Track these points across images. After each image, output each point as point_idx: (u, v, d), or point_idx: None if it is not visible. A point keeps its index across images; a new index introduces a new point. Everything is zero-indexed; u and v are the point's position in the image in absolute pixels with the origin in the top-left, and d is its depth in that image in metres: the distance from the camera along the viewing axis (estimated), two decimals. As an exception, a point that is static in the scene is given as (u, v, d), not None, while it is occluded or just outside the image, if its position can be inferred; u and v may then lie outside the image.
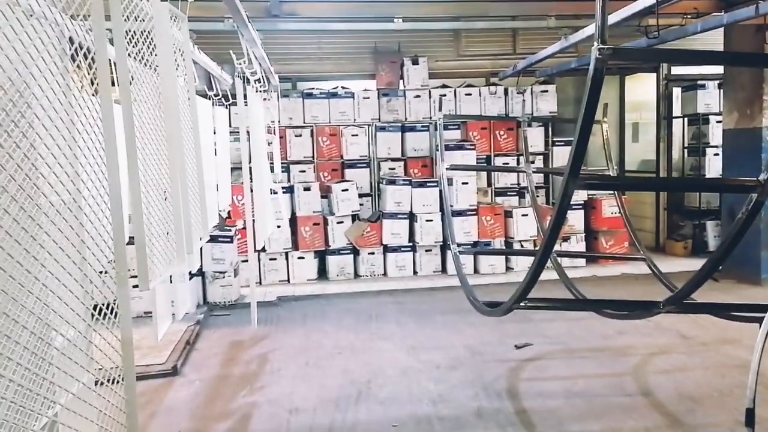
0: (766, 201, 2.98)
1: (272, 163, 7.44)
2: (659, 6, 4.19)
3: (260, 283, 8.13)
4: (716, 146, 8.88)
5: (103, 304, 2.11)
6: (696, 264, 7.86)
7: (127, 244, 2.17)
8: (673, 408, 4.14)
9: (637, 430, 3.83)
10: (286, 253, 8.32)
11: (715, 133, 8.93)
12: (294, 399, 4.49)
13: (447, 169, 6.34)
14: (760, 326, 3.56)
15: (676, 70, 9.76)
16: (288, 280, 8.32)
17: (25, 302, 1.67)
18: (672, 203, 9.71)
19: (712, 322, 5.70)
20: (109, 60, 2.09)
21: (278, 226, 7.51)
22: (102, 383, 2.12)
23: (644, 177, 9.52)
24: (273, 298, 7.43)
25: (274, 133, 7.69)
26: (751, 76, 7.27)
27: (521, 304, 3.62)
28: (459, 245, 6.09)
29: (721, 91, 8.33)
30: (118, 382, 2.14)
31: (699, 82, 9.22)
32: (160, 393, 4.69)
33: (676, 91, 9.80)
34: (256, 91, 6.09)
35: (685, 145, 9.77)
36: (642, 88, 10.12)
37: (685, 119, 9.68)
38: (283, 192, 8.04)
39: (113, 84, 2.14)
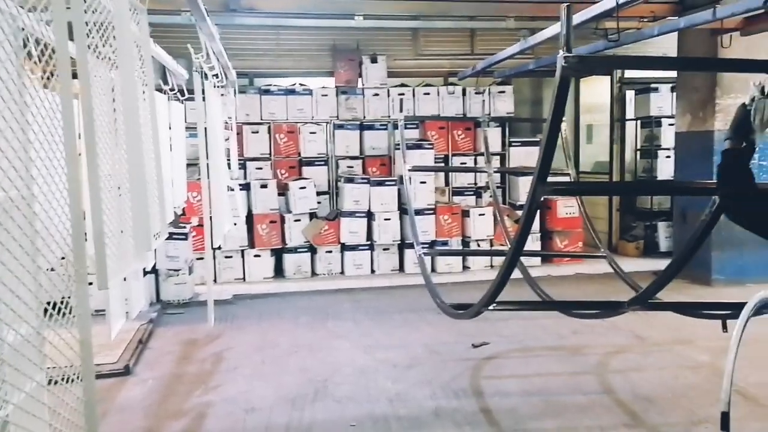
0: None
1: (229, 160, 7.31)
2: (619, 9, 4.27)
3: (215, 281, 7.96)
4: (668, 149, 9.11)
5: (56, 302, 2.02)
6: (648, 264, 8.15)
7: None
8: (628, 408, 4.22)
9: (593, 429, 3.89)
10: (242, 251, 8.19)
11: (667, 136, 9.16)
12: (250, 398, 4.42)
13: (410, 170, 6.33)
14: (725, 329, 3.67)
15: (630, 74, 9.98)
16: (244, 279, 8.19)
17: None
18: (624, 204, 9.94)
19: (665, 323, 5.85)
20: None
21: (234, 224, 7.38)
22: (56, 382, 2.04)
23: (612, 182, 9.69)
24: (228, 297, 7.30)
25: (231, 130, 7.55)
26: (704, 80, 7.47)
27: (490, 307, 3.63)
28: (422, 245, 6.08)
29: (674, 94, 8.55)
30: (73, 381, 2.06)
31: (652, 86, 9.45)
32: (112, 392, 4.56)
33: (630, 94, 10.02)
34: (214, 87, 5.96)
35: (638, 147, 10.01)
36: (596, 90, 10.33)
37: (638, 122, 9.91)
38: (240, 189, 7.91)
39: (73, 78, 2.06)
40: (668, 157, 9.10)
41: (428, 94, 8.96)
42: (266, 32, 8.50)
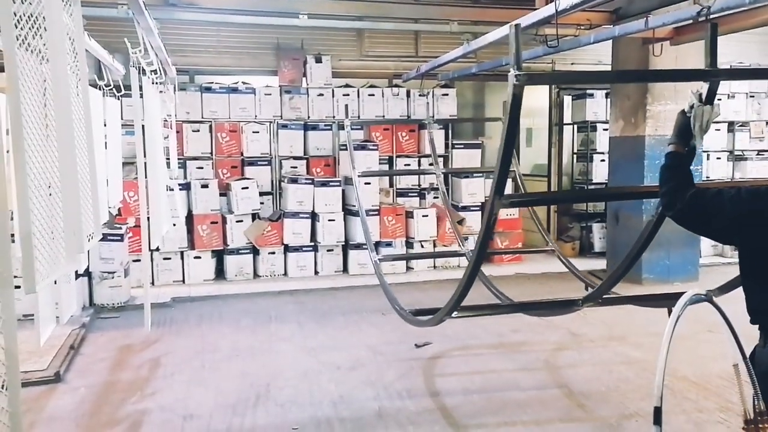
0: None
1: (168, 159, 7.12)
2: (558, 16, 4.38)
3: (153, 283, 7.76)
4: (603, 152, 9.41)
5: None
6: (584, 264, 8.38)
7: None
8: (564, 402, 4.34)
9: (530, 424, 3.97)
10: (182, 253, 8.00)
11: (602, 140, 9.45)
12: (189, 404, 4.32)
13: (359, 175, 6.31)
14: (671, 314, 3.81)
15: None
16: (183, 281, 8.00)
17: None
18: (561, 207, 10.21)
19: (600, 321, 6.04)
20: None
21: (174, 225, 7.19)
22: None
23: (563, 191, 9.93)
24: (167, 300, 7.11)
25: (171, 128, 7.36)
26: (636, 87, 7.75)
27: (453, 314, 3.65)
28: (364, 247, 6.04)
29: (609, 100, 8.83)
30: (-1, 390, 1.97)
31: (588, 91, 9.74)
32: (41, 401, 4.37)
33: (567, 99, 10.31)
34: (152, 83, 5.80)
35: (575, 150, 10.31)
36: (535, 95, 10.56)
37: (575, 126, 10.21)
38: (180, 189, 7.72)
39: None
40: (603, 160, 9.39)
41: (373, 95, 8.97)
42: (207, 29, 8.33)
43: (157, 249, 7.49)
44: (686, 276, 7.83)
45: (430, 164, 7.36)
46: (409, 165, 9.08)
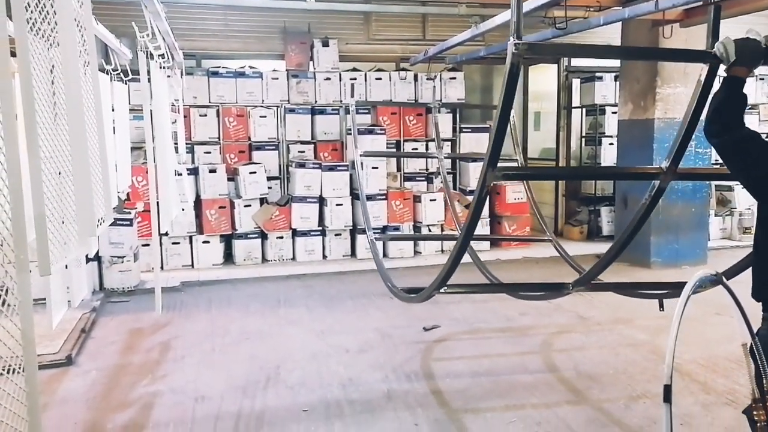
0: (666, 187, 3.18)
1: (176, 144, 7.14)
2: (566, -2, 4.35)
3: (162, 268, 7.80)
4: (611, 136, 9.36)
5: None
6: (591, 248, 8.38)
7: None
8: (572, 385, 4.36)
9: (538, 407, 4.00)
10: (191, 237, 8.03)
11: (611, 124, 9.40)
12: (199, 387, 4.36)
13: (361, 155, 6.32)
14: (661, 308, 3.82)
15: (576, 62, 10.19)
16: (192, 265, 8.05)
17: None
18: (570, 190, 10.18)
19: (606, 304, 6.04)
20: None
21: (182, 209, 7.23)
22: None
23: (557, 167, 9.89)
24: (176, 284, 7.16)
25: (178, 112, 7.37)
26: (645, 70, 7.70)
27: (441, 290, 3.67)
28: (374, 231, 6.09)
29: (618, 83, 8.77)
30: (14, 371, 2.00)
31: (597, 75, 9.67)
32: (53, 384, 4.42)
33: (576, 83, 10.23)
34: (160, 67, 5.80)
35: (583, 134, 10.25)
36: (544, 78, 10.51)
37: (584, 110, 10.14)
38: (188, 174, 7.75)
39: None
40: (611, 144, 9.34)
41: (380, 79, 8.93)
42: (214, 12, 8.31)
43: (166, 233, 7.53)
44: (695, 259, 7.82)
45: (438, 148, 7.34)
46: (416, 149, 9.06)
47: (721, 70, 2.51)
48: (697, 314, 5.12)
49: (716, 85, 2.52)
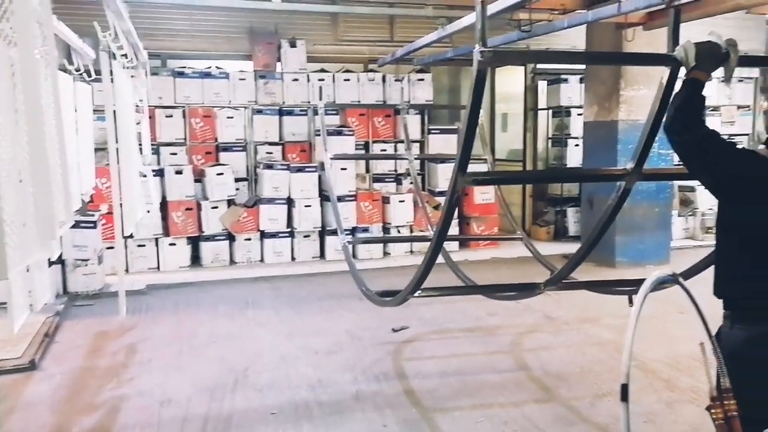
0: (632, 188, 3.24)
1: (141, 145, 7.03)
2: (531, 1, 4.40)
3: (128, 270, 7.68)
4: (577, 137, 9.50)
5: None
6: (558, 248, 8.49)
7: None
8: (540, 384, 4.41)
9: (506, 406, 4.04)
10: (156, 240, 7.92)
11: (576, 125, 9.54)
12: (166, 390, 4.31)
13: (331, 158, 6.30)
14: (631, 303, 3.88)
15: (542, 65, 10.32)
16: (158, 268, 7.93)
17: None
18: (536, 191, 10.31)
19: (573, 303, 6.13)
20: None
21: (147, 211, 7.11)
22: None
23: (526, 171, 9.99)
24: (142, 287, 7.05)
25: (143, 113, 7.25)
26: (610, 72, 7.83)
27: (416, 294, 3.68)
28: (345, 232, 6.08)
29: (583, 85, 8.90)
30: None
31: (563, 77, 9.81)
32: (18, 388, 4.34)
33: (542, 85, 10.37)
34: (123, 68, 5.71)
35: (550, 135, 10.39)
36: (511, 80, 10.61)
37: (550, 111, 10.28)
38: (153, 175, 7.62)
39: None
40: (577, 145, 9.47)
41: (348, 80, 8.93)
42: (180, 12, 8.20)
43: (131, 236, 7.40)
44: (658, 259, 7.99)
45: (407, 149, 7.36)
46: (385, 150, 9.07)
47: (683, 73, 2.56)
48: (661, 313, 5.23)
49: (678, 87, 2.57)
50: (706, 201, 9.35)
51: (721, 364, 1.87)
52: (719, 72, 2.52)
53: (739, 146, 2.34)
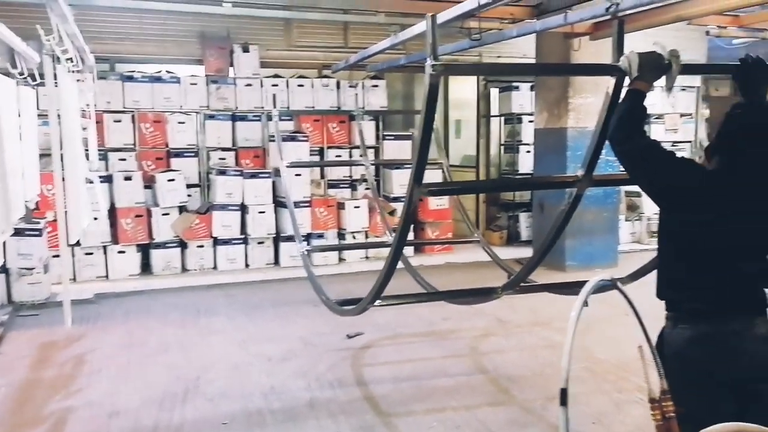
0: (583, 194, 3.32)
1: (87, 150, 6.85)
2: (480, 10, 4.48)
3: (75, 279, 7.48)
4: (528, 144, 9.67)
5: None
6: (511, 252, 8.62)
7: None
8: (492, 387, 4.47)
9: (459, 409, 4.08)
10: (105, 247, 7.72)
11: (528, 132, 9.70)
12: (115, 401, 4.21)
13: (287, 166, 6.25)
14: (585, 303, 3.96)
15: (494, 73, 10.47)
16: (107, 276, 7.74)
17: None
18: (490, 197, 10.45)
19: (525, 307, 6.23)
20: None
21: (95, 218, 6.94)
22: None
23: (481, 180, 10.09)
24: (90, 296, 6.87)
25: (90, 118, 7.08)
26: (559, 80, 8.01)
27: (376, 303, 3.67)
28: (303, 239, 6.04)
29: (533, 93, 9.08)
30: None
31: (514, 84, 9.98)
32: (-43, 403, 4.16)
33: (494, 92, 10.54)
34: (68, 71, 5.56)
35: (502, 142, 10.56)
36: (463, 87, 10.76)
37: (502, 118, 10.46)
38: (101, 181, 7.44)
39: None
40: (528, 151, 9.64)
41: (302, 85, 8.90)
42: (128, 15, 8.01)
43: (78, 244, 7.21)
44: (606, 262, 8.18)
45: (361, 155, 7.38)
46: (340, 156, 9.07)
47: (627, 82, 2.64)
48: (610, 315, 5.29)
49: (622, 95, 2.65)
50: (651, 206, 9.57)
51: (659, 367, 1.93)
52: (662, 81, 2.60)
53: (680, 154, 2.42)
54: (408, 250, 8.82)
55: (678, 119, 10.18)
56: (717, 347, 2.22)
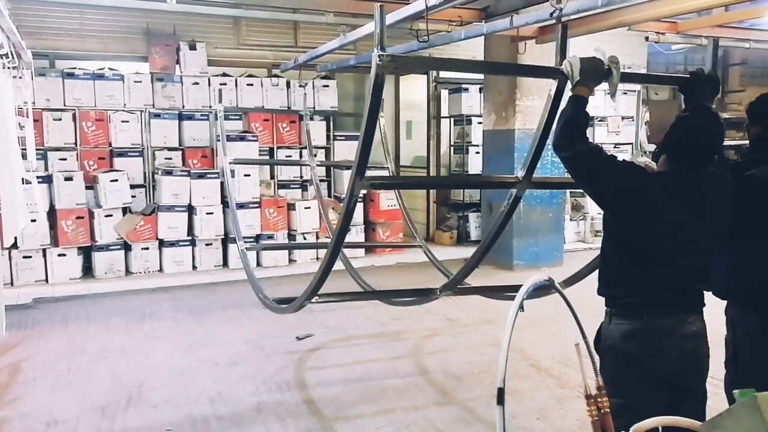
0: (523, 195, 3.37)
1: (24, 149, 6.58)
2: (428, 12, 4.50)
3: (12, 283, 7.20)
4: (477, 145, 9.78)
5: None
6: (461, 252, 8.71)
7: None
8: (440, 386, 4.50)
9: (408, 409, 4.09)
10: (44, 250, 7.45)
11: (477, 133, 9.82)
12: (53, 410, 4.07)
13: (231, 163, 6.16)
14: (522, 309, 4.02)
15: (444, 74, 10.58)
16: (47, 280, 7.47)
17: None
18: (440, 197, 10.54)
19: (473, 306, 6.30)
20: None
21: (33, 220, 6.68)
22: None
23: (422, 176, 10.20)
24: (28, 301, 6.62)
25: (27, 116, 6.80)
26: (506, 83, 8.14)
27: (313, 299, 3.65)
28: (245, 240, 5.96)
29: (482, 94, 9.19)
30: None
31: (463, 86, 10.08)
32: None
33: (444, 93, 10.63)
34: (3, 68, 5.34)
35: (452, 143, 10.65)
36: (414, 89, 10.82)
37: (452, 119, 10.55)
38: (39, 182, 7.16)
39: None
40: (478, 153, 9.76)
41: (251, 85, 8.78)
42: (68, 10, 7.77)
43: (15, 247, 6.94)
44: (552, 261, 8.36)
45: (314, 155, 7.32)
46: (291, 156, 8.99)
47: (570, 86, 2.69)
48: (554, 313, 5.43)
49: (565, 100, 2.69)
50: (595, 207, 9.80)
51: (595, 363, 1.98)
52: (606, 85, 2.66)
53: (621, 158, 2.49)
54: (359, 251, 8.85)
55: (620, 122, 10.47)
56: (649, 342, 2.31)
